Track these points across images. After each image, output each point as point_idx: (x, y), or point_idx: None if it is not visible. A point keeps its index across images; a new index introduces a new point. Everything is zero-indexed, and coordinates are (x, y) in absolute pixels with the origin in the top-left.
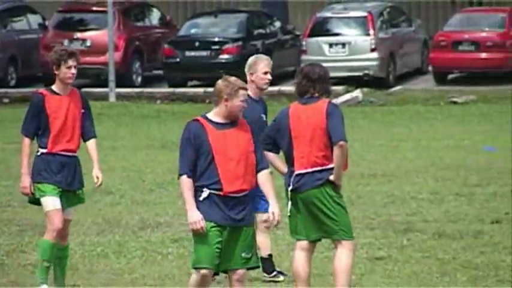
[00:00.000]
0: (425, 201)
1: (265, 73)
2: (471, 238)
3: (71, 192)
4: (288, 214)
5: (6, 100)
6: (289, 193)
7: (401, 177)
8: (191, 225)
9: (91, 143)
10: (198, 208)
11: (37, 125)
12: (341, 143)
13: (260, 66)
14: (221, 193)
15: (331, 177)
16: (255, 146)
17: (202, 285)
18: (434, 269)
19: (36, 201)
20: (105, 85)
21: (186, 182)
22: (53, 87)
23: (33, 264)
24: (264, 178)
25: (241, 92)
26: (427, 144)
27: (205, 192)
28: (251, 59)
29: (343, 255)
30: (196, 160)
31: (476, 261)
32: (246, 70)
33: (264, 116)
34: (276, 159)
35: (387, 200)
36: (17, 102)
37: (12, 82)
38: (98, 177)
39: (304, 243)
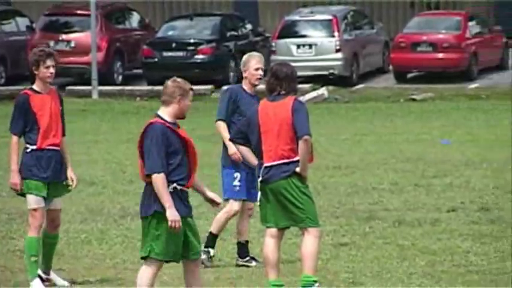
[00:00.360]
0: (386, 191)
1: (257, 69)
2: (429, 226)
3: (59, 183)
4: (258, 203)
5: None
6: (258, 184)
7: (364, 169)
8: (172, 223)
9: (64, 140)
10: None
11: (24, 123)
12: (305, 137)
13: (252, 63)
14: (185, 188)
15: (298, 169)
16: None
17: (155, 276)
18: (395, 254)
19: (23, 194)
20: (89, 83)
21: (163, 179)
22: (34, 86)
23: (22, 250)
24: None
25: (191, 92)
26: (388, 139)
27: (171, 187)
28: (245, 57)
29: (309, 241)
30: (167, 158)
31: (434, 247)
32: (241, 67)
33: None
34: (247, 152)
35: (351, 190)
36: (6, 99)
37: (2, 81)
38: (73, 180)
39: (273, 230)
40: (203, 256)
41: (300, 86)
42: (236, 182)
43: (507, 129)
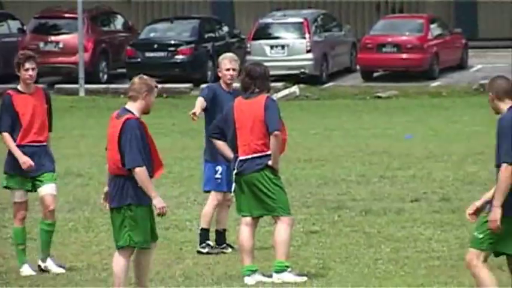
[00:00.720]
0: (354, 182)
1: (228, 69)
2: (393, 214)
3: (46, 173)
4: (232, 194)
5: None
6: (233, 176)
7: (333, 162)
8: (161, 210)
9: (48, 136)
10: (141, 193)
11: (11, 120)
12: (276, 133)
13: (223, 64)
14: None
15: (270, 162)
16: None
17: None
18: (362, 241)
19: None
20: (76, 82)
21: (145, 172)
22: (18, 87)
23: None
24: None
25: (156, 89)
26: (355, 133)
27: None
28: (219, 58)
29: (282, 229)
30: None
31: (398, 234)
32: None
33: None
34: (224, 146)
35: (321, 181)
36: None
37: None
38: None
39: (248, 219)
40: (205, 250)
41: (273, 84)
42: (218, 175)
43: (466, 125)
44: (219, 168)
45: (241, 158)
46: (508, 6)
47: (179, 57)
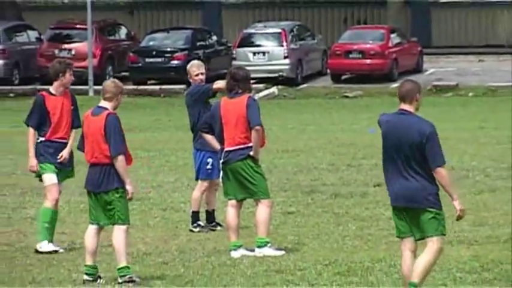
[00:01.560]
0: (325, 170)
1: (196, 75)
2: (359, 197)
3: (66, 170)
4: (220, 180)
5: (11, 95)
6: (220, 164)
7: (307, 152)
8: (132, 195)
9: (74, 132)
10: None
11: (39, 119)
12: (257, 127)
13: (192, 70)
14: None
15: (251, 153)
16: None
17: None
18: (331, 220)
19: (40, 176)
20: (86, 83)
21: (124, 160)
22: (51, 89)
23: (32, 217)
24: None
25: (123, 91)
26: (326, 128)
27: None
28: (188, 66)
29: (262, 210)
30: None
31: (363, 215)
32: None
33: None
34: (212, 139)
35: (296, 169)
36: (20, 96)
37: (16, 81)
38: (61, 156)
39: (233, 201)
40: (197, 229)
41: (255, 85)
42: (209, 166)
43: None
44: (210, 160)
45: (227, 149)
46: (457, 19)
47: (174, 62)
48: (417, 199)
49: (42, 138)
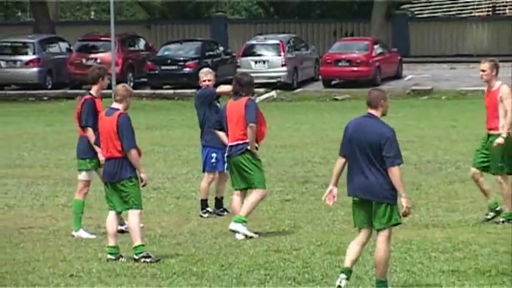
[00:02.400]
0: (317, 163)
1: (204, 81)
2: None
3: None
4: (226, 171)
5: (45, 98)
6: (225, 158)
7: (302, 148)
8: (146, 182)
9: None
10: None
11: (94, 119)
12: (251, 124)
13: (200, 76)
14: None
15: (249, 147)
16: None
17: None
18: (323, 207)
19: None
20: (109, 88)
21: (137, 153)
22: (92, 92)
23: (63, 204)
24: None
25: (132, 94)
26: (318, 127)
27: None
28: (199, 72)
29: (253, 195)
30: None
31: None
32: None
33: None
34: (223, 135)
35: (292, 162)
36: (52, 99)
37: (49, 86)
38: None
39: (238, 191)
40: (206, 215)
41: (256, 89)
42: (213, 160)
43: (401, 120)
44: (215, 155)
45: (229, 144)
46: (432, 32)
47: (186, 69)
48: (375, 192)
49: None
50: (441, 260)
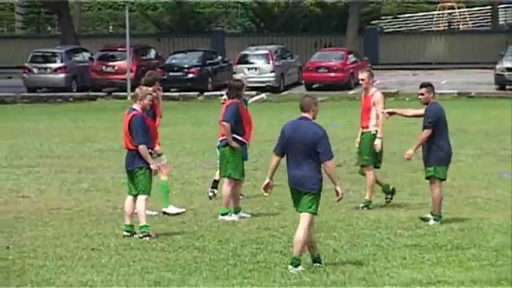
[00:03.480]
0: None
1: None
2: (324, 174)
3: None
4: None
5: (71, 99)
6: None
7: None
8: (155, 172)
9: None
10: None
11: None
12: (223, 123)
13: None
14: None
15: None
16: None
17: None
18: None
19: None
20: (125, 91)
21: (145, 148)
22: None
23: (86, 189)
24: None
25: (148, 96)
26: None
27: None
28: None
29: (223, 187)
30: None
31: (329, 187)
32: None
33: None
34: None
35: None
36: (77, 100)
37: (74, 89)
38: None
39: (224, 179)
40: (210, 193)
41: (249, 92)
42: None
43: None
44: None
45: (220, 139)
46: (397, 43)
47: (190, 75)
48: (304, 184)
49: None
50: (405, 236)
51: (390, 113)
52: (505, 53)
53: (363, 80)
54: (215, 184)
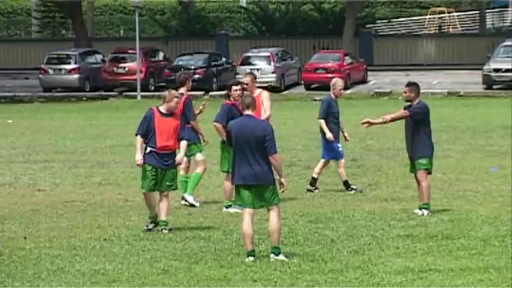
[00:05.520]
0: (300, 150)
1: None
2: (325, 169)
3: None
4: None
5: (84, 98)
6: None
7: (287, 139)
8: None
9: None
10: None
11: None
12: (214, 123)
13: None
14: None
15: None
16: (179, 128)
17: (147, 201)
18: (304, 185)
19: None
20: (135, 90)
21: (140, 140)
22: (182, 91)
23: (99, 182)
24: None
25: (175, 99)
26: (301, 121)
27: (148, 149)
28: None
29: (225, 180)
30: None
31: (326, 181)
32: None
33: None
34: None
35: (280, 149)
36: (90, 99)
37: (87, 89)
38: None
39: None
40: (352, 192)
41: None
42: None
43: (365, 116)
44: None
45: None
46: (391, 46)
47: (196, 76)
48: (263, 177)
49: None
50: (398, 227)
51: (368, 123)
52: (492, 55)
53: (246, 84)
54: (346, 184)
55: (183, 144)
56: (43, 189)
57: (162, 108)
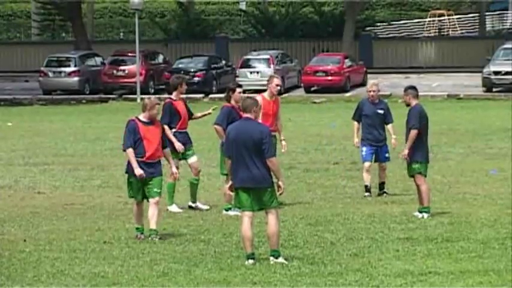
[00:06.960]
0: (300, 153)
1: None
2: (323, 171)
3: (190, 148)
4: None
5: (84, 101)
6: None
7: (287, 140)
8: (139, 177)
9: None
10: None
11: (170, 118)
12: (214, 126)
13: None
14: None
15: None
16: (162, 135)
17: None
18: (304, 187)
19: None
20: (135, 93)
21: (131, 153)
22: (173, 96)
23: (98, 185)
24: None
25: (157, 106)
26: (301, 124)
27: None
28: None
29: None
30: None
31: (326, 183)
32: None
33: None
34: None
35: (279, 152)
36: (89, 102)
37: (87, 92)
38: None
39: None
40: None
41: (252, 95)
42: (363, 152)
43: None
44: (364, 148)
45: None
46: (391, 48)
47: (196, 78)
48: (262, 180)
49: (174, 130)
50: (398, 230)
51: (405, 155)
52: (492, 58)
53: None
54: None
55: (168, 152)
56: (43, 191)
57: (143, 117)
